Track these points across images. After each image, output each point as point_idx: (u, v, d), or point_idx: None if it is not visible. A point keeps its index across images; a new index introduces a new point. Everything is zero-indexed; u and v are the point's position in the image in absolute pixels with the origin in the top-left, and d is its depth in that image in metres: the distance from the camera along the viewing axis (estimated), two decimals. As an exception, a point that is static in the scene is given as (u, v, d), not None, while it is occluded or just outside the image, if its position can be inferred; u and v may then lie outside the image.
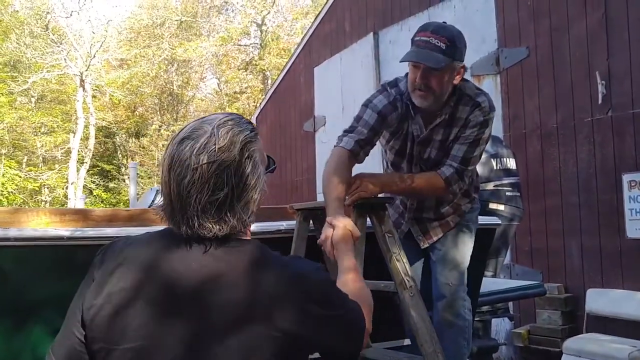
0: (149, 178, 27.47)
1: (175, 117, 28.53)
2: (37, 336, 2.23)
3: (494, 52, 7.01)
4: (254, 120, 13.09)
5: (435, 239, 2.94)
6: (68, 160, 23.85)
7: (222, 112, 1.37)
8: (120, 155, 28.36)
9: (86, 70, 23.28)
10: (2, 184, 22.64)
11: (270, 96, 12.28)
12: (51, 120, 24.34)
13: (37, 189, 24.13)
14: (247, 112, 21.11)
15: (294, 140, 11.11)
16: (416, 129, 2.72)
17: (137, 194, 9.99)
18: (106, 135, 27.90)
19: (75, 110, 23.84)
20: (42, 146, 24.62)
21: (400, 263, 2.55)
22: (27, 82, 23.11)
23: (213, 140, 1.23)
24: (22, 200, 22.95)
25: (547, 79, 6.43)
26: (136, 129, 28.35)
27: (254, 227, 2.76)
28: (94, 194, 25.22)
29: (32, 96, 25.30)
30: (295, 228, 2.78)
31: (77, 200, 22.09)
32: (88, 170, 24.34)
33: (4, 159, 23.70)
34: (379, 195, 2.66)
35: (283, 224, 2.84)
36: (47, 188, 24.35)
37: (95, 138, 25.14)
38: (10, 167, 23.23)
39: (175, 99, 28.56)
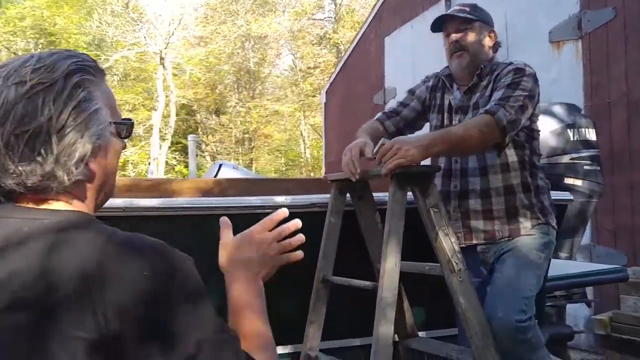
0: (228, 154, 27.98)
1: (252, 94, 28.78)
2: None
3: (576, 15, 6.37)
4: (323, 94, 12.84)
5: (475, 241, 2.49)
6: (150, 136, 24.64)
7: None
8: (200, 132, 29.00)
9: (165, 48, 23.81)
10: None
11: (340, 69, 11.97)
12: (133, 98, 25.17)
13: (121, 164, 25.12)
14: (320, 86, 20.84)
15: (363, 114, 10.76)
16: (453, 98, 2.62)
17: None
18: (187, 113, 28.57)
19: (156, 88, 24.51)
20: (124, 123, 25.54)
21: (448, 242, 2.21)
22: (109, 60, 23.94)
23: (30, 62, 0.96)
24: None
25: (635, 42, 5.76)
26: (215, 106, 28.85)
27: (285, 199, 2.54)
28: (176, 169, 25.97)
29: (115, 74, 26.22)
30: (329, 201, 2.50)
31: (159, 175, 22.83)
32: (170, 147, 25.04)
33: (91, 136, 24.80)
34: (422, 163, 2.32)
35: (317, 197, 2.56)
36: (131, 164, 25.27)
37: (177, 115, 25.78)
38: (92, 144, 24.28)
39: (252, 76, 28.77)
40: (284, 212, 1.25)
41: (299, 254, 1.26)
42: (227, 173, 7.09)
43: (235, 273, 1.16)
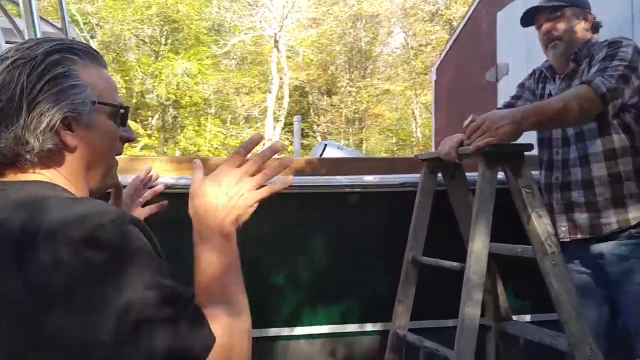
0: (338, 134, 28.25)
1: (363, 74, 28.76)
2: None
3: None
4: (434, 71, 12.56)
5: (579, 236, 2.32)
6: (264, 118, 25.44)
7: None
8: (312, 113, 29.48)
9: (279, 31, 24.36)
10: (209, 140, 24.93)
11: (451, 46, 11.64)
12: (249, 81, 26.06)
13: (238, 145, 26.17)
14: (432, 64, 20.36)
15: (474, 91, 10.43)
16: (554, 87, 2.48)
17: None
18: (300, 94, 29.14)
19: (271, 71, 25.21)
20: (242, 105, 26.54)
21: (541, 224, 2.11)
22: (227, 44, 24.89)
23: (20, 44, 1.04)
24: (225, 155, 25.06)
25: None
26: (327, 87, 29.18)
27: (374, 178, 2.54)
28: (288, 150, 26.65)
29: (233, 58, 27.24)
30: (419, 181, 2.47)
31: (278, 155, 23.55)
32: (283, 128, 25.71)
33: (210, 118, 26.04)
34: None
35: (407, 177, 2.54)
36: (249, 144, 26.23)
37: (290, 96, 26.41)
38: (215, 125, 25.47)
39: (363, 56, 28.73)
40: (256, 139, 1.08)
41: (287, 179, 1.10)
42: (332, 153, 7.17)
43: (198, 223, 1.01)
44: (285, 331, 2.51)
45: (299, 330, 2.52)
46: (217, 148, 25.08)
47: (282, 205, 2.46)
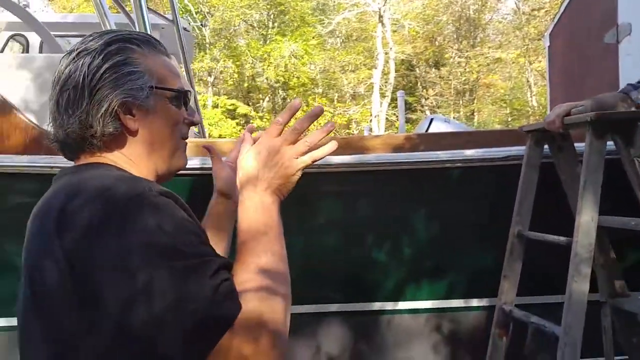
0: (447, 107, 27.58)
1: (472, 43, 27.76)
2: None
3: None
4: (547, 36, 11.88)
5: None
6: (371, 94, 25.36)
7: None
8: (420, 87, 28.96)
9: (384, 6, 24.06)
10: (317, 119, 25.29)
11: (565, 8, 10.93)
12: (355, 58, 26.04)
13: (345, 123, 26.34)
14: (545, 29, 19.19)
15: (592, 55, 9.76)
16: None
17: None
18: (407, 68, 28.70)
19: (376, 46, 25.02)
20: (348, 83, 26.61)
21: (657, 195, 1.99)
22: (332, 23, 24.98)
23: (84, 38, 1.11)
24: (332, 134, 25.32)
25: None
26: (435, 59, 28.49)
27: (476, 152, 2.48)
28: (396, 125, 26.42)
29: (338, 36, 27.30)
30: (524, 154, 2.39)
31: (380, 133, 23.49)
32: (390, 103, 25.52)
33: (318, 98, 26.36)
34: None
35: (512, 150, 2.46)
36: (355, 122, 26.34)
37: (396, 71, 26.09)
38: (322, 105, 25.79)
39: (472, 24, 27.69)
40: (295, 105, 1.08)
41: (331, 145, 1.07)
42: (438, 127, 7.04)
43: (240, 194, 1.04)
44: (389, 305, 2.54)
45: (402, 305, 2.55)
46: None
47: (384, 183, 2.49)
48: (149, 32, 2.47)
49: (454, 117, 26.67)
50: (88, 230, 0.89)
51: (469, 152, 2.47)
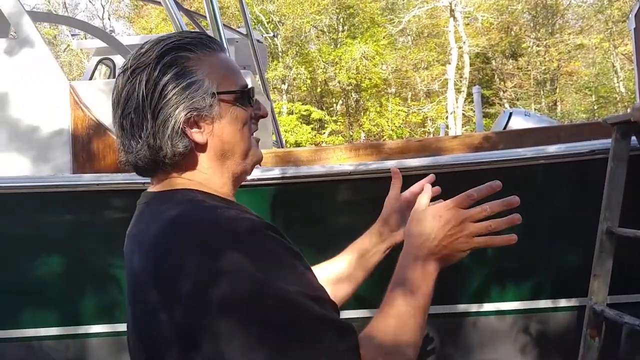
0: (527, 99, 26.70)
1: (551, 30, 26.74)
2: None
3: None
4: (632, 18, 11.26)
5: None
6: (445, 91, 24.95)
7: None
8: (497, 79, 28.21)
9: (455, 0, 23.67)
10: (391, 120, 25.18)
11: (651, -14, 10.32)
12: (427, 55, 25.72)
13: (420, 121, 26.06)
14: (629, 10, 18.20)
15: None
16: None
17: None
18: (482, 61, 28.04)
19: (449, 41, 24.61)
20: (421, 81, 26.32)
21: None
22: (402, 22, 24.81)
23: (136, 50, 1.06)
24: (407, 133, 25.11)
25: None
26: (511, 50, 27.67)
27: (559, 147, 2.41)
28: (473, 121, 25.87)
29: (409, 34, 27.07)
30: (610, 147, 2.31)
31: (456, 129, 23.07)
32: (466, 99, 25.02)
33: (391, 98, 26.25)
34: None
35: (596, 143, 2.38)
36: (430, 119, 26.01)
37: (471, 65, 25.56)
38: (395, 105, 25.63)
39: (549, 11, 26.69)
40: (495, 185, 1.04)
41: (511, 238, 1.02)
42: (518, 121, 6.85)
43: (406, 247, 1.04)
44: (473, 307, 2.52)
45: (488, 307, 2.52)
46: (399, 127, 25.24)
47: (464, 184, 2.47)
48: (225, 47, 2.57)
49: (535, 109, 25.79)
50: (199, 288, 0.87)
51: (552, 148, 2.41)
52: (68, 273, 2.57)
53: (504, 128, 6.68)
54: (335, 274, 1.32)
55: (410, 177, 2.42)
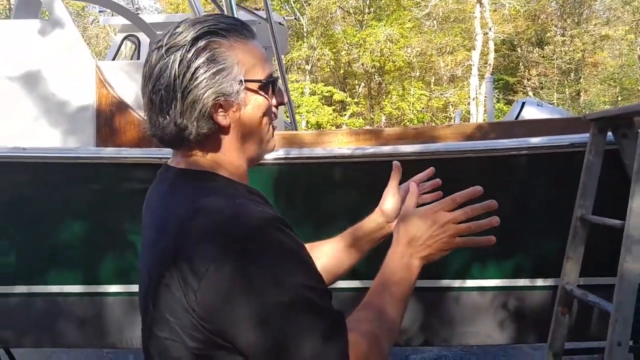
0: (549, 88, 26.48)
1: (577, 20, 26.39)
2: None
3: None
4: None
5: None
6: (469, 76, 24.84)
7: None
8: (521, 67, 27.99)
9: (482, -15, 23.47)
10: (412, 103, 25.17)
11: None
12: (452, 40, 25.58)
13: (442, 106, 26.01)
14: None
15: None
16: None
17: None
18: (508, 48, 27.81)
19: (474, 27, 24.44)
20: (445, 65, 26.22)
21: None
22: (428, 6, 24.67)
23: (172, 29, 1.12)
24: (429, 118, 25.10)
25: None
26: (537, 38, 27.39)
27: (540, 140, 2.59)
28: (496, 107, 25.73)
29: (434, 19, 26.91)
30: (588, 141, 2.49)
31: (478, 116, 23.01)
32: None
33: (414, 81, 26.21)
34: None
35: (576, 137, 2.57)
36: (451, 105, 25.93)
37: (497, 52, 25.40)
38: (418, 89, 25.61)
39: (577, 1, 26.30)
40: (476, 190, 1.13)
41: (490, 239, 1.13)
42: (530, 112, 6.95)
43: (394, 244, 1.13)
44: (456, 283, 2.74)
45: (470, 283, 2.74)
46: (420, 111, 25.24)
47: (452, 170, 2.67)
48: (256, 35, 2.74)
49: (557, 98, 25.55)
50: (214, 277, 0.97)
51: (535, 140, 2.60)
52: (88, 237, 2.83)
53: (516, 117, 6.79)
54: (329, 254, 1.43)
55: (403, 163, 2.64)
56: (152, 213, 1.16)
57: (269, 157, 2.62)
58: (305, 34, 26.34)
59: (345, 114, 25.36)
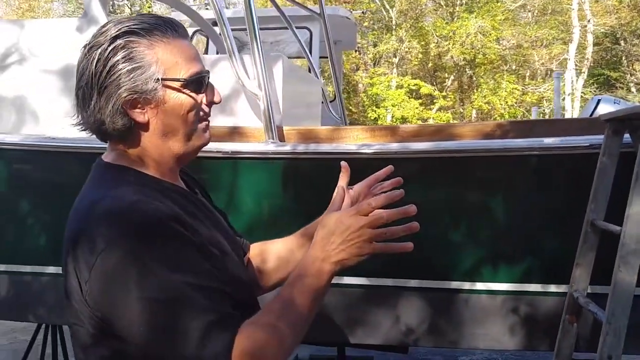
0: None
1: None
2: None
3: None
4: None
5: None
6: (564, 71, 23.65)
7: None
8: (625, 61, 26.29)
9: (581, -25, 22.25)
10: (504, 98, 24.32)
11: None
12: (547, 33, 24.46)
13: (536, 101, 24.94)
14: None
15: None
16: None
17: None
18: (611, 41, 26.21)
19: (572, 19, 23.23)
20: (539, 59, 25.12)
21: None
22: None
23: (99, 29, 1.18)
24: (521, 113, 24.17)
25: None
26: (643, 30, 25.62)
27: (554, 140, 2.48)
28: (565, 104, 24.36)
29: (529, 10, 25.83)
30: (602, 142, 2.37)
31: (573, 112, 21.85)
32: (586, 80, 23.62)
33: (506, 75, 25.30)
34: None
35: (593, 138, 2.44)
36: (546, 100, 24.82)
37: (598, 45, 24.01)
38: (510, 82, 24.69)
39: (689, -12, 24.31)
40: (396, 195, 1.12)
41: (407, 245, 1.09)
42: (606, 109, 6.58)
43: (311, 246, 1.13)
44: (466, 285, 2.69)
45: (480, 285, 2.68)
46: (512, 106, 24.34)
47: (464, 169, 2.63)
48: (256, 26, 2.80)
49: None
50: (97, 267, 1.04)
51: (549, 140, 2.50)
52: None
53: (591, 114, 6.45)
54: (278, 255, 1.49)
55: (415, 160, 2.61)
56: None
57: (276, 150, 2.70)
58: (393, 27, 26.07)
59: (432, 108, 24.93)
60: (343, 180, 1.29)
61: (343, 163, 1.28)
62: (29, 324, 4.00)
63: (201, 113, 1.21)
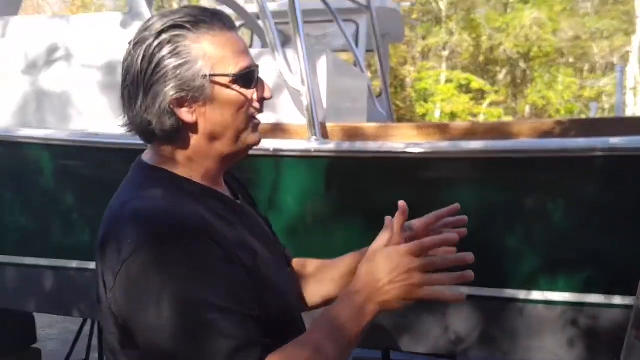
0: None
1: None
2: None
3: None
4: None
5: None
6: (626, 65, 22.69)
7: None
8: (695, 54, 25.01)
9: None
10: (560, 93, 23.52)
11: None
12: (609, 24, 23.50)
13: (595, 96, 24.03)
14: None
15: None
16: None
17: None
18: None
19: (634, 10, 22.24)
20: (598, 52, 24.18)
21: None
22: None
23: (143, 24, 1.12)
24: (578, 109, 23.34)
25: None
26: None
27: (620, 140, 2.28)
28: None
29: (589, 1, 24.89)
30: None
31: (636, 107, 20.96)
32: (651, 74, 22.60)
33: (562, 68, 24.45)
34: None
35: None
36: (605, 95, 23.89)
37: (663, 36, 22.91)
38: (567, 76, 23.86)
39: None
40: (452, 238, 1.05)
41: (460, 296, 1.03)
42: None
43: (354, 281, 1.04)
44: (521, 294, 2.52)
45: (537, 295, 2.51)
46: (568, 101, 23.52)
47: (520, 170, 2.46)
48: (299, 19, 2.70)
49: None
50: (123, 275, 1.00)
51: (615, 140, 2.30)
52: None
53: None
54: (334, 279, 1.36)
55: (469, 160, 2.46)
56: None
57: (320, 149, 2.59)
58: (443, 19, 25.57)
59: (483, 103, 24.35)
60: (397, 222, 1.07)
61: (401, 203, 1.06)
62: (79, 314, 4.04)
63: (251, 110, 1.15)
